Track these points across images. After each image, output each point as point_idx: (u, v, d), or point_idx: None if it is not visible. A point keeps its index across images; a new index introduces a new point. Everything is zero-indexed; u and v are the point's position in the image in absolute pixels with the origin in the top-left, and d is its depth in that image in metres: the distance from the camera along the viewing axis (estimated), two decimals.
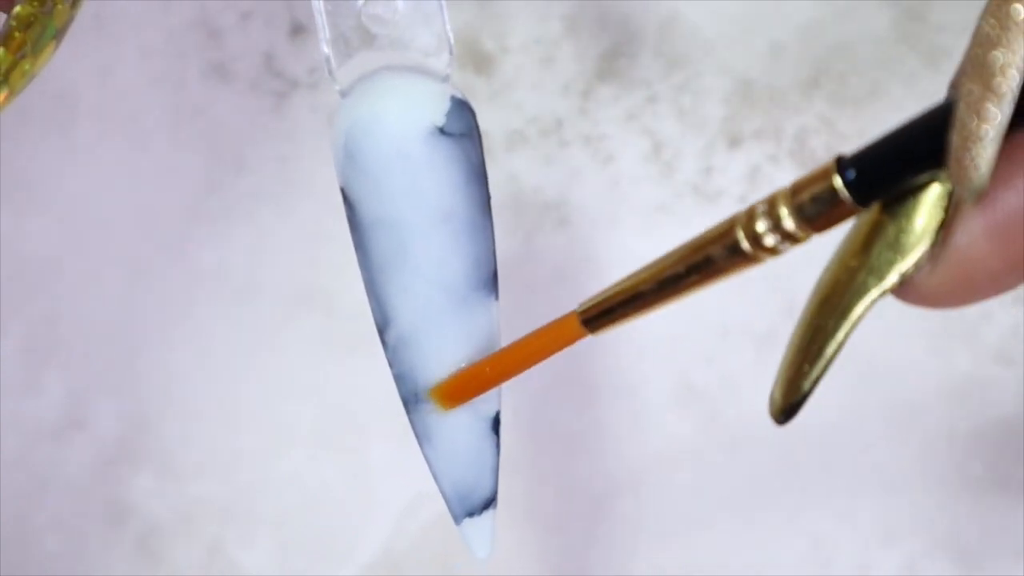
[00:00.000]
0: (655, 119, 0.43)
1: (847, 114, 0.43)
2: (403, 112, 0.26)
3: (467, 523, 0.27)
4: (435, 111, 0.26)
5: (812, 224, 0.20)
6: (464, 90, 0.27)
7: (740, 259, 0.21)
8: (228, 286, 0.43)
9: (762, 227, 0.20)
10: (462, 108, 0.26)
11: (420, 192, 0.26)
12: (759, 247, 0.20)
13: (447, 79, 0.26)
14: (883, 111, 0.43)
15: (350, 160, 0.26)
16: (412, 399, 0.26)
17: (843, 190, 0.19)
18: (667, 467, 0.41)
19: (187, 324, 0.42)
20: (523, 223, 0.43)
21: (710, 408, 0.41)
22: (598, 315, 0.23)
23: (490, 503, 0.27)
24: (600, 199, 0.43)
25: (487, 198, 0.26)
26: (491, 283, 0.26)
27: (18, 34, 0.24)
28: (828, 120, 0.43)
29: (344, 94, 0.26)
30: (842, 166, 0.19)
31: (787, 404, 0.21)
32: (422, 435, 0.26)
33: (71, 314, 0.42)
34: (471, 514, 0.27)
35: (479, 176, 0.26)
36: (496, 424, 0.27)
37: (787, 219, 0.20)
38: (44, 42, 0.25)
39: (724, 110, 0.43)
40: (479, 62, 0.44)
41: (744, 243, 0.20)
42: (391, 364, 0.26)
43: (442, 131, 0.26)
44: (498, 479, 0.27)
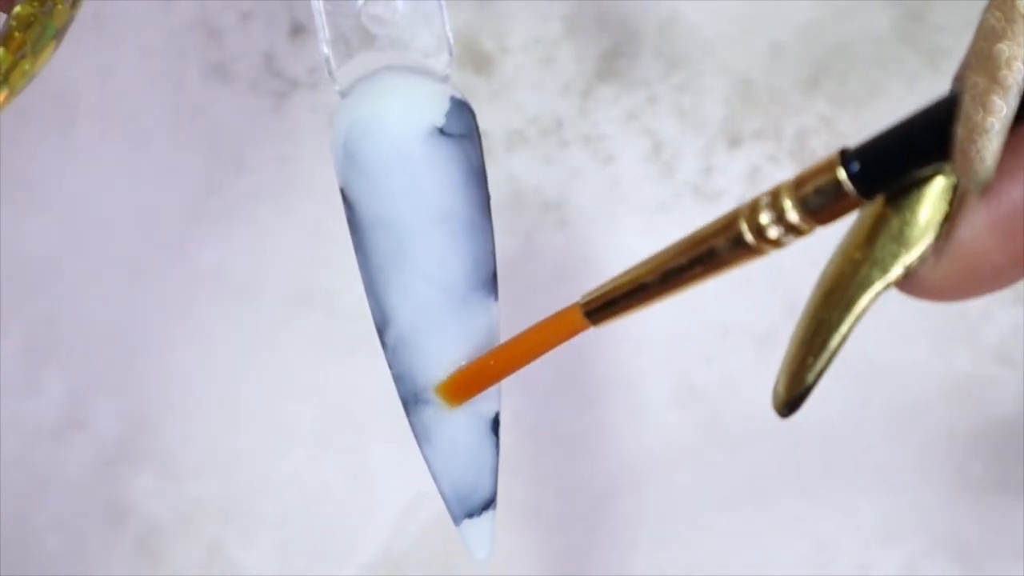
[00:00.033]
0: (655, 119, 0.43)
1: (847, 114, 0.43)
2: (403, 112, 0.26)
3: (466, 524, 0.27)
4: (435, 111, 0.26)
5: (816, 216, 0.20)
6: (464, 90, 0.27)
7: (744, 251, 0.21)
8: (228, 286, 0.43)
9: (766, 219, 0.20)
10: (462, 108, 0.26)
11: (420, 192, 0.26)
12: (763, 239, 0.20)
13: (447, 79, 0.26)
14: (883, 111, 0.43)
15: (350, 160, 0.26)
16: (411, 399, 0.26)
17: (847, 182, 0.19)
18: (667, 467, 0.41)
19: (187, 324, 0.42)
20: (523, 223, 0.43)
21: (710, 408, 0.41)
22: (601, 307, 0.23)
23: (489, 504, 0.27)
24: (600, 199, 0.43)
25: (487, 198, 0.26)
26: (491, 283, 0.26)
27: (18, 34, 0.24)
28: (828, 120, 0.43)
29: (344, 94, 0.26)
30: (846, 158, 0.19)
31: (791, 397, 0.21)
32: (421, 435, 0.26)
33: (71, 314, 0.42)
34: (470, 515, 0.27)
35: (479, 176, 0.26)
36: (495, 424, 0.27)
37: (791, 211, 0.20)
38: (44, 42, 0.25)
39: (724, 110, 0.43)
40: (479, 62, 0.44)
41: (748, 235, 0.20)
42: (390, 364, 0.26)
43: (442, 131, 0.26)
44: (497, 480, 0.27)
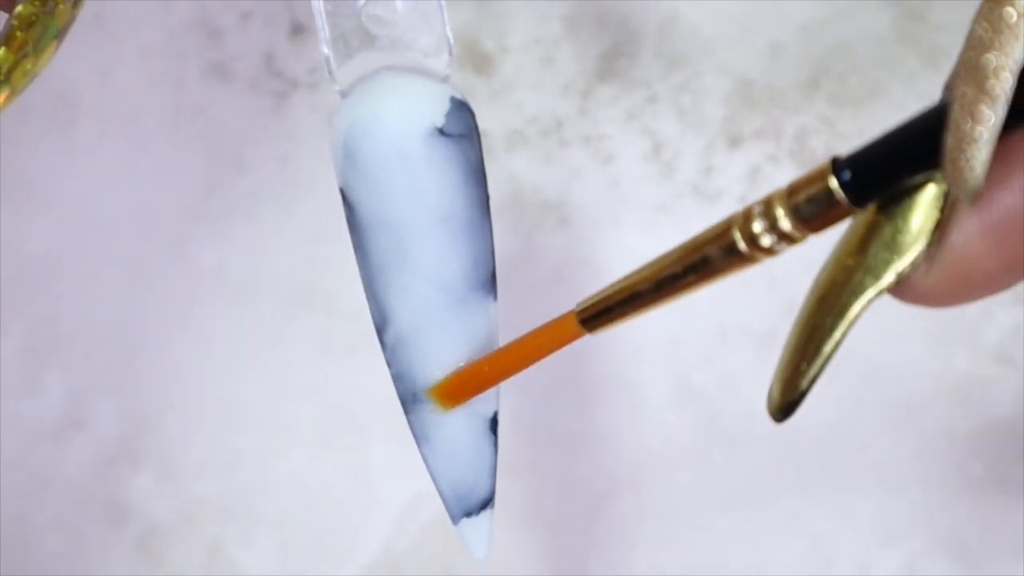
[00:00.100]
0: (655, 119, 0.43)
1: (847, 114, 0.43)
2: (403, 113, 0.26)
3: (464, 523, 0.27)
4: (435, 112, 0.26)
5: (808, 225, 0.20)
6: (464, 90, 0.27)
7: (737, 259, 0.21)
8: (228, 286, 0.43)
9: (759, 227, 0.20)
10: (461, 109, 0.26)
11: (419, 192, 0.26)
12: (756, 247, 0.20)
13: (447, 79, 0.26)
14: (883, 111, 0.43)
15: (349, 160, 0.26)
16: (410, 399, 0.26)
17: (839, 191, 0.19)
18: (667, 467, 0.41)
19: (187, 324, 0.42)
20: (523, 223, 0.43)
21: (710, 408, 0.41)
22: (596, 315, 0.23)
23: (488, 503, 0.27)
24: (600, 199, 0.43)
25: (486, 199, 0.26)
26: (490, 283, 0.26)
27: (20, 33, 0.24)
28: (828, 120, 0.43)
29: (344, 94, 0.26)
30: (838, 167, 0.20)
31: (785, 402, 0.21)
32: (420, 435, 0.26)
33: (71, 314, 0.42)
34: (468, 514, 0.27)
35: (478, 177, 0.26)
36: (494, 424, 0.27)
37: (783, 220, 0.20)
38: (46, 42, 0.25)
39: (724, 110, 0.43)
40: (479, 62, 0.44)
41: (741, 243, 0.20)
42: (389, 364, 0.26)
43: (441, 132, 0.26)
44: (496, 479, 0.27)
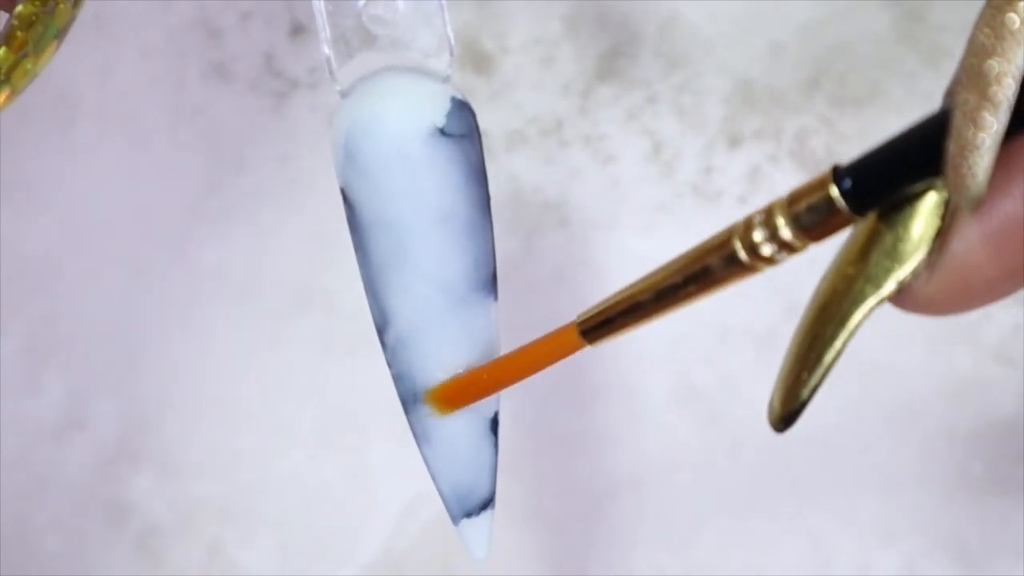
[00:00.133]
0: (655, 119, 0.43)
1: (847, 114, 0.43)
2: (403, 113, 0.26)
3: (465, 524, 0.27)
4: (435, 112, 0.26)
5: (809, 234, 0.20)
6: (464, 90, 0.27)
7: (737, 269, 0.21)
8: (228, 286, 0.43)
9: (759, 237, 0.20)
10: (462, 109, 0.26)
11: (420, 192, 0.26)
12: (756, 257, 0.20)
13: (447, 80, 0.26)
14: (883, 111, 0.43)
15: (350, 160, 0.26)
16: (411, 399, 0.26)
17: (839, 199, 0.19)
18: (667, 467, 0.41)
19: (187, 324, 0.42)
20: (523, 223, 0.43)
21: (710, 408, 0.41)
22: (597, 326, 0.23)
23: (488, 504, 0.27)
24: (600, 199, 0.43)
25: (487, 199, 0.26)
26: (490, 284, 0.26)
27: (20, 33, 0.24)
28: (828, 120, 0.43)
29: (344, 94, 0.26)
30: (838, 176, 0.20)
31: (786, 412, 0.21)
32: (420, 435, 0.26)
33: (71, 314, 0.42)
34: (469, 515, 0.27)
35: (479, 177, 0.26)
36: (494, 424, 0.27)
37: (784, 229, 0.20)
38: (46, 41, 0.25)
39: (724, 110, 0.43)
40: (479, 62, 0.44)
41: (741, 253, 0.20)
42: (390, 364, 0.26)
43: (442, 132, 0.26)
44: (496, 480, 0.27)
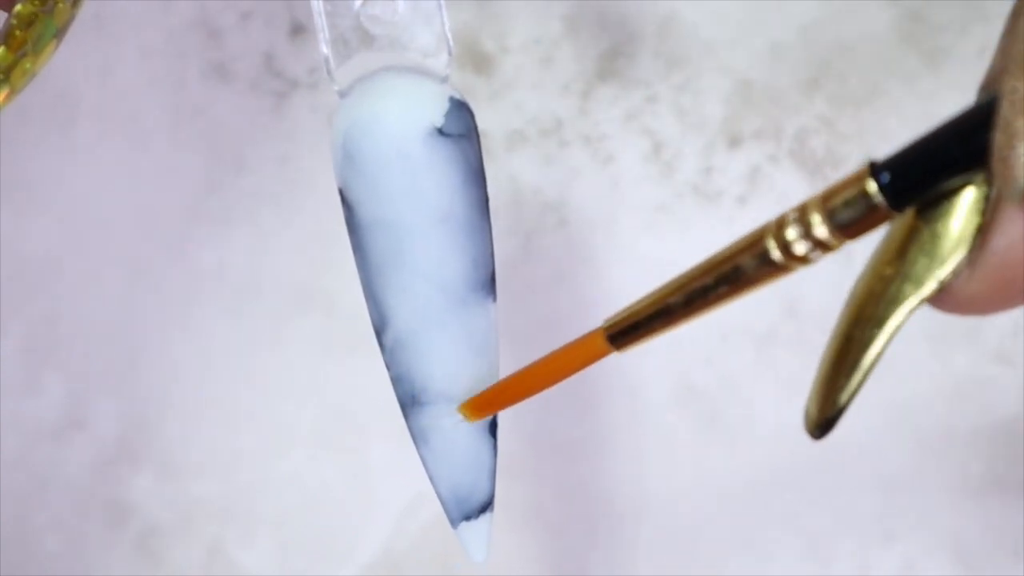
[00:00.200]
0: (655, 119, 0.43)
1: (847, 114, 0.43)
2: (402, 113, 0.26)
3: (463, 527, 0.27)
4: (434, 112, 0.26)
5: (844, 231, 0.19)
6: (464, 90, 0.27)
7: (770, 269, 0.20)
8: (228, 286, 0.43)
9: (793, 234, 0.20)
10: (461, 109, 0.26)
11: (418, 193, 0.26)
12: (790, 256, 0.20)
13: (446, 80, 0.26)
14: (883, 111, 0.43)
15: (349, 161, 0.26)
16: (409, 401, 0.26)
17: (877, 194, 0.19)
18: (667, 467, 0.41)
19: (187, 324, 0.42)
20: (523, 223, 0.43)
21: (710, 408, 0.41)
22: (624, 331, 0.23)
23: (487, 507, 0.27)
24: (600, 199, 0.43)
25: (485, 199, 0.26)
26: (489, 284, 0.26)
27: (19, 32, 0.24)
28: (828, 120, 0.43)
29: (343, 94, 0.26)
30: (876, 170, 0.19)
31: (823, 418, 0.21)
32: (419, 437, 0.26)
33: (71, 314, 0.42)
34: (468, 518, 0.27)
35: (477, 177, 0.26)
36: (493, 427, 0.27)
37: (819, 226, 0.19)
38: (45, 41, 0.25)
39: (724, 110, 0.43)
40: (479, 62, 0.44)
41: (775, 252, 0.20)
42: (388, 366, 0.26)
43: (441, 132, 0.26)
44: (495, 482, 0.27)
